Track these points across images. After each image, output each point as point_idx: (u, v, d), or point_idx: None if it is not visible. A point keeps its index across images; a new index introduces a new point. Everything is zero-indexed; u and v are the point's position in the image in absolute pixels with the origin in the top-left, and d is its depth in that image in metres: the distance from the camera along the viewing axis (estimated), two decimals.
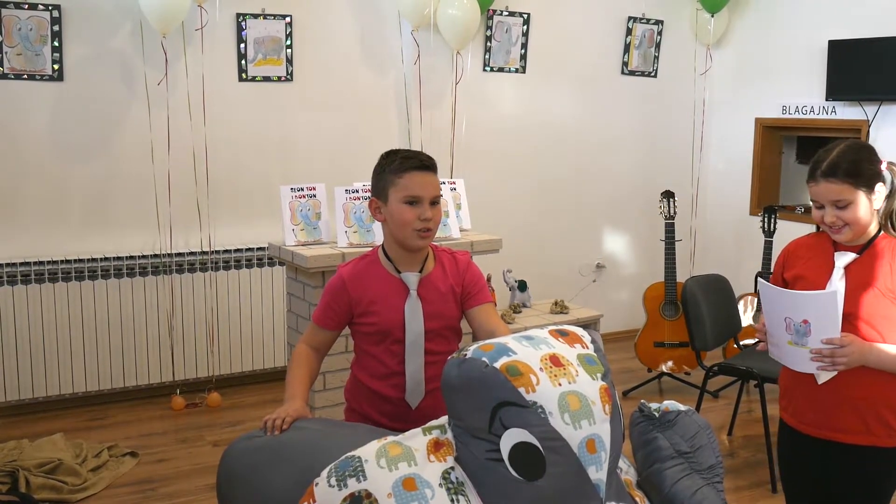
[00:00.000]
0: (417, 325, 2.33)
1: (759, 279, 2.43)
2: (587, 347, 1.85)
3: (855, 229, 2.25)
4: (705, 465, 1.95)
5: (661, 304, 5.08)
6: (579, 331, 1.90)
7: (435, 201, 2.32)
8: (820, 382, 2.29)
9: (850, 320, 2.24)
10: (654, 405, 2.01)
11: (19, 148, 4.41)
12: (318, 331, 2.42)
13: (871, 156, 2.26)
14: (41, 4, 4.31)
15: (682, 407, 2.01)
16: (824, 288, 2.26)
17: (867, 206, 2.24)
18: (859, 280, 2.25)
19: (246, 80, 4.84)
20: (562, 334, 1.86)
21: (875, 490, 2.35)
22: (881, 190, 2.25)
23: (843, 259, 2.29)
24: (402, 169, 2.28)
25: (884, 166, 2.28)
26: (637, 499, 1.89)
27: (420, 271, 2.36)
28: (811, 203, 2.32)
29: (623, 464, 1.97)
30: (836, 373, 2.25)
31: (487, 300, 2.43)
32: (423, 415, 2.31)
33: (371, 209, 2.37)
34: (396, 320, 2.33)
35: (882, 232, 2.30)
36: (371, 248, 2.48)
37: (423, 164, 2.31)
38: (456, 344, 2.45)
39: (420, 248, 2.34)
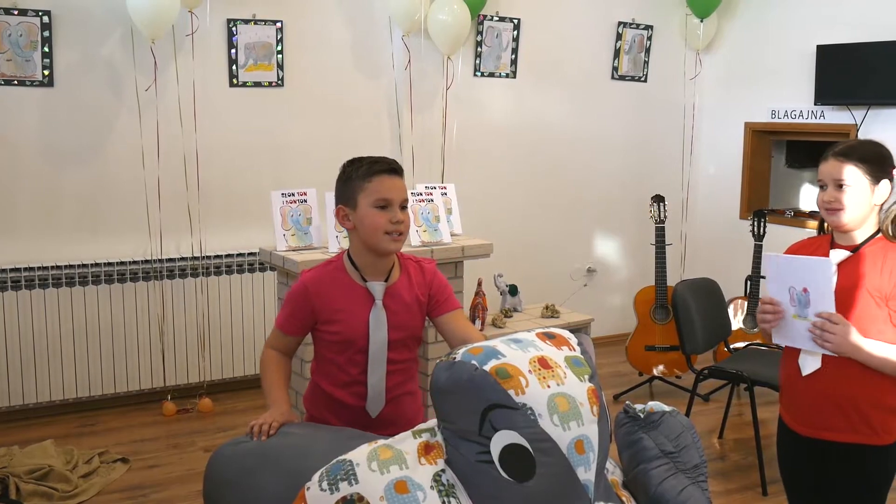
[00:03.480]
0: (381, 336, 2.32)
1: (765, 255, 2.47)
2: (574, 350, 1.87)
3: (849, 216, 2.29)
4: (690, 465, 1.97)
5: (652, 308, 5.10)
6: (566, 333, 1.92)
7: (404, 205, 2.31)
8: (804, 374, 2.34)
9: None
10: (638, 406, 2.03)
11: (9, 154, 4.40)
12: (283, 336, 2.41)
13: (888, 154, 2.33)
14: (31, 10, 4.31)
15: (666, 408, 2.03)
16: None
17: (867, 197, 2.28)
18: (850, 279, 2.30)
19: (237, 85, 4.84)
20: (549, 337, 1.88)
21: (868, 488, 2.39)
22: (885, 188, 2.29)
23: (836, 256, 2.34)
24: (370, 173, 2.27)
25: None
26: (624, 499, 1.91)
27: (386, 280, 2.36)
28: (818, 186, 2.36)
29: (609, 464, 1.98)
30: (819, 365, 2.31)
31: (456, 307, 2.43)
32: (384, 422, 2.33)
33: (338, 217, 2.34)
34: (360, 330, 2.31)
35: (879, 234, 2.33)
36: (336, 254, 2.46)
37: (391, 167, 2.31)
38: (416, 352, 2.45)
39: (392, 251, 2.32)
